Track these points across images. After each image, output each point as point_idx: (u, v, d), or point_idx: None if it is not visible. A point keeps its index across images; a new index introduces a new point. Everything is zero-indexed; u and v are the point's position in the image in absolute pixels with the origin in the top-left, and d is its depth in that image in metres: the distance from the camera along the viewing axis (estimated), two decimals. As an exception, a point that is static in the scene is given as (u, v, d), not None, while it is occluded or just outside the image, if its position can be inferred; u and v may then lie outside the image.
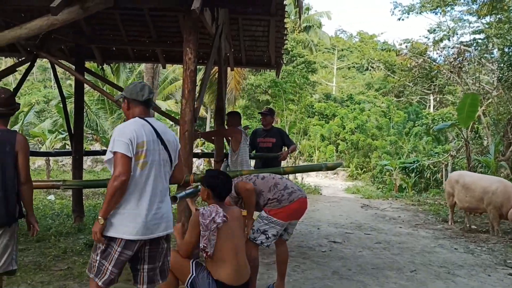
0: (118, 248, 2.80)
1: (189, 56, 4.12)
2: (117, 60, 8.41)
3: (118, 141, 2.80)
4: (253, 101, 30.76)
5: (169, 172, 3.05)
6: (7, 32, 3.99)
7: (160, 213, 2.89)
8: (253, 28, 6.62)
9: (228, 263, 3.21)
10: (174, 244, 4.64)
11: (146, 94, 2.99)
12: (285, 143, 6.74)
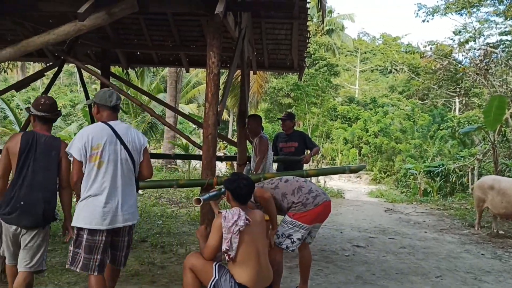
0: (85, 236, 3.23)
1: (213, 60, 4.14)
2: (142, 64, 8.50)
3: (75, 146, 3.26)
4: (275, 104, 30.76)
5: (131, 169, 3.39)
6: (36, 37, 4.09)
7: (120, 207, 3.28)
8: (276, 31, 6.62)
9: (250, 266, 3.22)
10: (197, 247, 4.69)
11: (114, 100, 3.42)
12: (307, 146, 6.71)
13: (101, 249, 3.27)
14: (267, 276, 3.34)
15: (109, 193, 3.26)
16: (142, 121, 20.70)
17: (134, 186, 3.48)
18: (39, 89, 35.56)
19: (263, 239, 3.42)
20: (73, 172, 3.29)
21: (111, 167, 3.28)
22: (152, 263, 5.07)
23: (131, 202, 3.41)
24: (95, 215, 3.22)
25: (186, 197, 10.14)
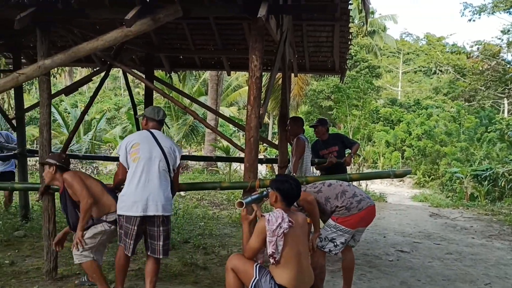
0: (124, 223, 3.77)
1: (255, 63, 4.16)
2: (184, 68, 8.67)
3: (120, 149, 3.91)
4: (315, 107, 30.59)
5: (166, 169, 3.86)
6: (85, 44, 4.24)
7: (151, 198, 3.72)
8: (317, 33, 6.60)
9: (291, 268, 3.19)
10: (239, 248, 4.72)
11: (160, 115, 4.10)
12: (347, 146, 6.62)
13: (134, 236, 3.78)
14: (308, 279, 3.31)
15: (142, 184, 3.74)
16: (183, 124, 21.04)
17: (168, 183, 3.90)
18: (85, 93, 36.83)
19: (305, 242, 3.39)
20: (118, 172, 3.99)
21: (147, 162, 3.79)
22: (195, 264, 5.13)
23: (164, 196, 3.80)
24: (130, 203, 3.72)
25: (228, 199, 10.21)
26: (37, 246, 5.74)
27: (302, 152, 5.84)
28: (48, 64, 4.32)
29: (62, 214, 7.33)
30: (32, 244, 5.83)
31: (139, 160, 3.78)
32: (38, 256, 5.37)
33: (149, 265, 3.93)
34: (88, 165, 16.96)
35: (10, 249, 5.65)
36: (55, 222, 4.64)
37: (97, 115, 23.11)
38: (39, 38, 4.46)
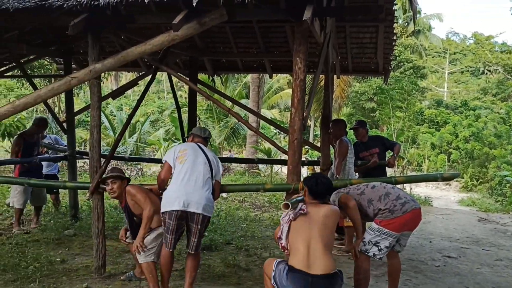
0: (166, 219, 3.96)
1: (299, 66, 4.17)
2: (227, 71, 8.77)
3: (168, 153, 4.24)
4: (358, 108, 30.15)
5: (209, 173, 4.10)
6: (134, 48, 4.37)
7: (192, 196, 3.91)
8: (361, 35, 6.53)
9: (299, 250, 3.31)
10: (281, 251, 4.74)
11: (206, 134, 4.48)
12: (388, 147, 6.55)
13: (174, 231, 3.96)
14: (322, 263, 3.27)
15: (185, 182, 3.96)
16: (225, 126, 21.24)
17: (210, 187, 4.11)
18: (130, 96, 37.81)
19: (322, 231, 3.37)
20: (161, 173, 4.25)
21: (192, 164, 4.05)
22: (237, 266, 5.18)
23: (205, 196, 4.00)
24: (172, 199, 3.94)
25: (269, 201, 10.22)
26: (86, 245, 5.95)
27: (345, 154, 5.81)
28: (99, 68, 4.47)
29: (110, 214, 7.57)
30: (82, 243, 6.05)
31: (185, 162, 4.05)
32: (87, 254, 5.57)
33: (188, 261, 4.14)
34: (133, 166, 17.40)
35: (61, 247, 5.88)
36: (104, 221, 4.79)
37: (141, 118, 23.65)
38: (91, 43, 4.62)
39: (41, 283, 4.49)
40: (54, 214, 7.59)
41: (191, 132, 4.58)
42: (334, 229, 3.52)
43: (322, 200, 3.56)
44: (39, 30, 6.53)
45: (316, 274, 3.23)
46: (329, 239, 3.43)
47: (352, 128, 6.68)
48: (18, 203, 6.75)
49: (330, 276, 3.27)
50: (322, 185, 3.56)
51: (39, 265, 4.89)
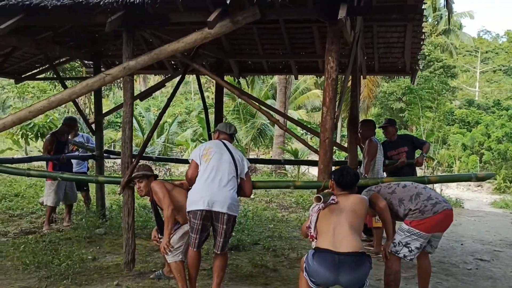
0: (191, 219, 3.98)
1: (331, 65, 4.17)
2: (253, 73, 8.80)
3: (194, 152, 4.24)
4: (386, 109, 29.75)
5: (234, 173, 4.08)
6: (167, 46, 4.44)
7: (216, 195, 3.91)
8: (388, 34, 6.45)
9: (326, 232, 3.39)
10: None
11: (232, 130, 4.44)
12: (417, 146, 6.50)
13: (199, 230, 3.97)
14: (350, 242, 3.31)
15: (210, 181, 3.97)
16: (251, 127, 21.28)
17: (235, 187, 4.09)
18: (158, 97, 38.30)
19: (350, 215, 3.44)
20: (188, 171, 4.21)
21: (217, 162, 4.04)
22: (265, 266, 5.18)
23: (230, 195, 3.99)
24: (196, 198, 3.95)
25: (296, 202, 10.20)
26: (116, 243, 6.06)
27: (374, 153, 5.78)
28: (133, 65, 4.55)
29: (139, 213, 7.69)
30: (112, 241, 6.16)
31: (210, 160, 4.06)
32: (117, 253, 5.67)
33: (215, 261, 4.15)
34: (161, 166, 17.62)
35: (92, 245, 6.01)
36: (133, 216, 4.86)
37: (169, 119, 23.93)
38: (125, 41, 4.67)
39: (73, 280, 4.60)
40: (86, 213, 7.74)
41: (217, 128, 4.54)
42: (362, 216, 3.54)
43: (350, 190, 3.62)
44: (70, 32, 6.70)
45: (343, 252, 3.26)
46: (357, 223, 3.46)
47: (382, 127, 6.64)
48: (51, 202, 6.92)
49: (357, 254, 3.29)
50: (348, 176, 3.63)
51: (71, 262, 5.00)
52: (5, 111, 26.39)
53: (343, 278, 3.26)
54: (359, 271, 3.30)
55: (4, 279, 4.66)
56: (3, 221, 7.42)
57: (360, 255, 3.31)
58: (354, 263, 3.27)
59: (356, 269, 3.27)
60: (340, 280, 3.27)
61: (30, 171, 5.72)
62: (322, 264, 3.29)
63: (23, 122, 4.86)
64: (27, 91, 19.31)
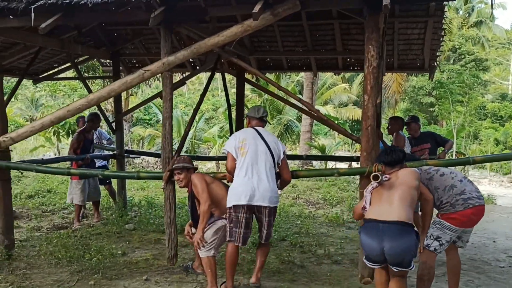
0: (233, 213, 4.06)
1: (372, 53, 4.20)
2: (272, 70, 8.73)
3: (229, 144, 4.25)
4: (415, 103, 29.23)
5: (271, 162, 4.14)
6: (207, 40, 4.47)
7: (257, 188, 4.00)
8: (409, 31, 6.35)
9: (375, 204, 3.47)
10: (336, 248, 4.67)
11: (260, 113, 4.37)
12: (439, 143, 6.48)
13: (244, 225, 4.03)
14: (396, 211, 3.35)
15: (250, 176, 4.03)
16: (278, 123, 21.24)
17: (274, 176, 4.16)
18: (185, 94, 38.60)
19: (402, 187, 3.49)
20: (227, 165, 4.25)
21: (253, 156, 4.08)
22: (292, 262, 5.17)
23: (270, 187, 4.07)
24: (238, 194, 4.02)
25: (323, 198, 10.14)
26: (145, 239, 6.16)
27: (402, 146, 5.86)
28: (172, 60, 4.59)
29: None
30: (141, 237, 6.26)
31: (246, 154, 4.10)
32: (146, 248, 5.76)
33: (258, 250, 4.35)
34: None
35: (122, 240, 6.12)
36: (175, 211, 4.89)
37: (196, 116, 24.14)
38: (163, 37, 4.69)
39: (103, 275, 4.69)
40: (114, 207, 7.86)
41: (246, 114, 4.52)
42: (414, 186, 3.54)
43: (400, 166, 3.69)
44: (91, 31, 6.81)
45: (385, 220, 3.32)
46: (407, 194, 3.47)
47: (405, 123, 6.58)
48: (79, 200, 7.05)
49: (401, 223, 3.31)
50: (395, 153, 3.71)
51: (101, 257, 5.10)
52: (38, 109, 27.06)
53: (386, 246, 3.29)
54: (402, 240, 3.29)
55: (38, 273, 4.79)
56: (37, 216, 7.63)
57: (405, 225, 3.32)
58: (397, 231, 3.29)
59: (398, 238, 3.28)
60: (385, 249, 3.30)
61: (71, 169, 5.94)
62: (367, 234, 3.40)
63: (61, 121, 4.97)
64: (59, 89, 19.76)
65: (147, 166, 16.62)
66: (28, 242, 5.88)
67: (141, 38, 7.47)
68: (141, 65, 8.46)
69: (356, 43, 6.90)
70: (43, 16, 4.52)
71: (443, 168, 4.08)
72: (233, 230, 4.07)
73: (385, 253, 3.31)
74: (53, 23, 4.53)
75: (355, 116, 28.93)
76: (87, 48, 7.18)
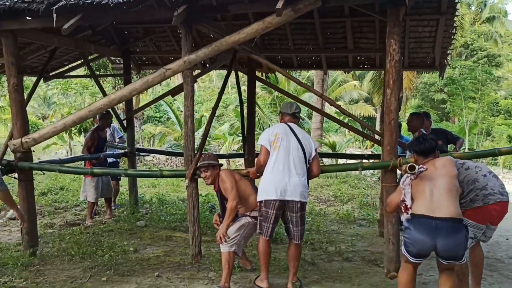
0: (263, 208, 4.10)
1: (393, 47, 4.21)
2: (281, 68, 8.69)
3: (262, 137, 4.23)
4: (426, 100, 29.02)
5: (302, 158, 4.12)
6: (227, 37, 4.48)
7: (288, 183, 4.00)
8: (420, 29, 6.29)
9: (422, 198, 3.39)
10: (347, 245, 4.65)
11: (293, 109, 4.37)
12: (450, 141, 6.45)
13: (272, 220, 4.08)
14: (448, 206, 3.32)
15: (281, 171, 4.03)
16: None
17: (305, 172, 4.15)
18: (196, 92, 38.63)
19: (443, 177, 3.45)
20: (260, 158, 4.26)
21: (285, 151, 4.08)
22: (303, 259, 5.15)
23: (301, 182, 4.06)
24: (269, 189, 4.05)
25: (334, 195, 10.11)
26: (156, 236, 6.20)
27: None
28: (193, 58, 4.60)
29: (178, 206, 7.79)
30: (152, 234, 6.30)
31: (279, 149, 4.10)
32: (157, 245, 5.80)
33: (291, 249, 4.23)
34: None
35: (133, 237, 6.16)
36: (198, 209, 4.88)
37: (206, 113, 24.14)
38: (184, 35, 4.69)
39: (116, 271, 4.73)
40: (126, 205, 7.92)
41: (280, 110, 4.52)
42: (455, 175, 3.54)
43: (433, 155, 3.65)
44: (104, 30, 6.86)
45: (440, 217, 3.28)
46: (451, 185, 3.45)
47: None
48: (93, 197, 7.10)
49: (455, 220, 3.31)
50: (427, 142, 3.66)
51: (114, 253, 5.15)
52: (50, 107, 27.31)
53: (440, 243, 3.28)
54: (456, 237, 3.29)
55: (51, 269, 4.85)
56: (50, 213, 7.72)
57: (458, 222, 3.32)
58: (452, 229, 3.28)
59: (453, 235, 3.28)
60: (437, 246, 3.29)
61: (94, 169, 6.08)
62: (418, 230, 3.34)
63: (83, 121, 5.02)
64: (70, 87, 19.90)
65: (158, 164, 16.71)
66: (41, 238, 5.94)
67: (152, 36, 7.49)
68: (151, 63, 8.54)
69: (367, 41, 6.87)
70: (64, 17, 4.56)
71: (469, 161, 4.10)
72: (263, 224, 4.13)
73: (438, 250, 3.32)
74: (75, 24, 4.56)
75: (365, 112, 28.77)
76: (99, 47, 7.24)
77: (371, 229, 6.92)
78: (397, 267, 4.22)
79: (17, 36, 5.23)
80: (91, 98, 19.33)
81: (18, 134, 5.24)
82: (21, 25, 4.94)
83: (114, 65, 8.90)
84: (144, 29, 7.32)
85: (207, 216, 7.14)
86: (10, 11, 4.63)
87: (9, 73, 5.20)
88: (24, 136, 5.20)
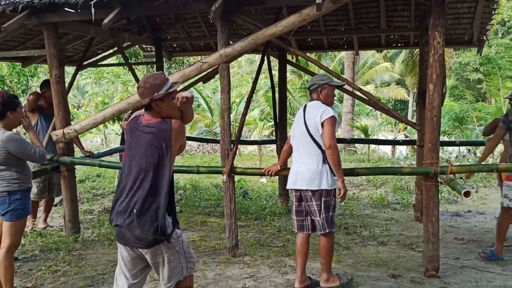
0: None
1: (438, 40, 4.04)
2: (311, 50, 8.57)
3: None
4: (461, 80, 28.23)
5: (310, 142, 3.80)
6: (264, 30, 4.46)
7: (298, 172, 3.85)
8: (459, 5, 6.09)
9: None
10: (381, 229, 4.58)
11: (309, 85, 3.98)
12: None
13: (294, 211, 3.98)
14: None
15: (295, 160, 3.97)
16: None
17: (313, 156, 3.80)
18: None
19: None
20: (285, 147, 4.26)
21: (295, 139, 3.97)
22: (337, 243, 5.18)
23: (308, 169, 3.81)
24: (289, 177, 3.99)
25: (367, 180, 10.03)
26: (191, 221, 6.32)
27: None
28: (229, 52, 4.60)
29: (211, 192, 7.87)
30: (187, 219, 6.43)
31: (293, 138, 4.04)
32: (193, 230, 5.92)
33: (320, 242, 3.91)
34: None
35: (169, 222, 6.29)
36: (235, 202, 4.87)
37: (236, 99, 24.21)
38: (220, 28, 4.68)
39: (154, 256, 4.85)
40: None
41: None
42: None
43: None
44: (137, 19, 6.97)
45: None
46: None
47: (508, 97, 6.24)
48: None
49: None
50: None
51: (151, 239, 5.27)
52: (84, 96, 27.93)
53: None
54: None
55: (92, 253, 5.02)
56: (88, 200, 7.96)
57: None
58: None
59: None
60: None
61: None
62: None
63: (121, 114, 5.12)
64: (103, 76, 20.26)
65: (190, 150, 16.94)
66: (82, 224, 6.14)
67: (183, 23, 7.55)
68: (182, 49, 8.60)
69: (401, 20, 6.72)
70: (102, 10, 4.65)
71: None
72: (292, 217, 4.06)
73: None
74: (114, 18, 4.63)
75: (397, 96, 28.24)
76: (132, 35, 7.35)
77: (405, 213, 6.85)
78: (436, 267, 4.17)
79: (58, 28, 5.38)
80: (123, 87, 19.65)
81: (60, 125, 5.41)
82: (62, 18, 5.09)
83: (145, 53, 9.01)
84: (175, 16, 7.38)
85: (240, 201, 7.22)
86: (51, 5, 4.78)
87: (51, 65, 5.36)
88: (66, 126, 5.37)
